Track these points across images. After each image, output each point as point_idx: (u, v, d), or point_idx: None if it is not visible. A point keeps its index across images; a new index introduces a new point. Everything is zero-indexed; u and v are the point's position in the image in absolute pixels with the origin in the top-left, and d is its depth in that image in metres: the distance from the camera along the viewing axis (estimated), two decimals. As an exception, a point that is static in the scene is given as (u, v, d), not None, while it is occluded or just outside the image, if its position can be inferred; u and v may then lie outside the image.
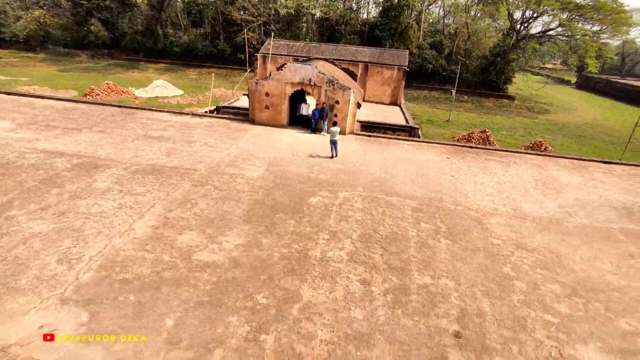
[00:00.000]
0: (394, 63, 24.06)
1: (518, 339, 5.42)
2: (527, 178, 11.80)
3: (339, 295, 5.97)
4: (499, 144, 20.90)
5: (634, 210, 10.00)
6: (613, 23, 39.06)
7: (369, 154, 12.88)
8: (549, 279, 6.84)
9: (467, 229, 8.33)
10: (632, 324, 5.88)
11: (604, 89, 59.74)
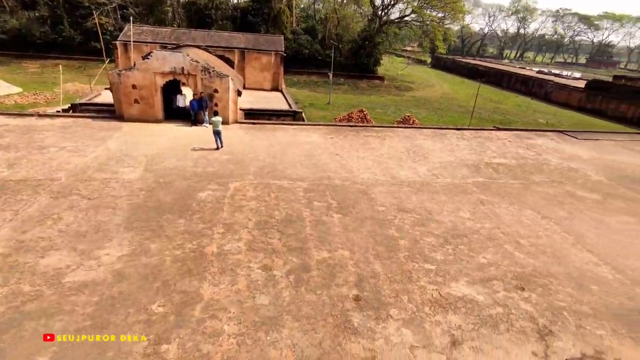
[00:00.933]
0: (271, 49, 24.03)
1: (407, 289, 6.14)
2: (400, 149, 13.24)
3: (242, 286, 5.86)
4: (375, 121, 22.90)
5: (480, 167, 12.12)
6: (452, 11, 45.87)
7: (256, 141, 12.76)
8: (425, 233, 7.88)
9: (356, 201, 8.99)
10: (487, 257, 7.21)
11: (451, 67, 70.38)
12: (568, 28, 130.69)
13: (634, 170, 12.99)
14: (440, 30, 45.99)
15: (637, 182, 11.83)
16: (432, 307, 5.81)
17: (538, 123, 30.17)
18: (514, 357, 5.09)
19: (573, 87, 44.08)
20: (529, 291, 6.36)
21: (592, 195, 10.46)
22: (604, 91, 40.11)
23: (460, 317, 5.67)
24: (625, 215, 9.44)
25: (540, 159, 13.33)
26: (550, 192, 10.42)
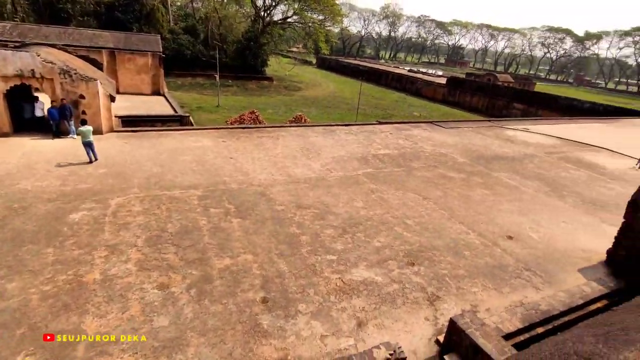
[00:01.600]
0: (147, 49, 22.04)
1: (312, 283, 6.29)
2: (294, 147, 13.49)
3: (136, 311, 5.25)
4: (267, 122, 22.92)
5: (368, 158, 13.12)
6: (331, 14, 48.60)
7: (139, 150, 11.57)
8: (325, 226, 8.19)
9: (254, 203, 8.85)
10: (381, 241, 7.84)
11: (336, 67, 74.56)
12: (429, 32, 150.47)
13: (485, 150, 15.63)
14: (322, 32, 48.31)
15: (488, 160, 14.25)
16: (337, 295, 6.07)
17: (413, 116, 34.09)
18: (411, 325, 5.65)
19: (437, 83, 50.94)
20: (417, 265, 7.12)
21: (459, 175, 12.23)
22: (459, 86, 47.35)
23: (363, 299, 6.06)
24: (483, 189, 11.29)
25: (417, 147, 15.06)
26: (428, 176, 11.85)
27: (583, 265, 7.84)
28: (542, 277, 7.26)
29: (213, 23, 45.52)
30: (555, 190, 11.83)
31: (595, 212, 10.51)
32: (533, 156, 15.56)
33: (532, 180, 12.49)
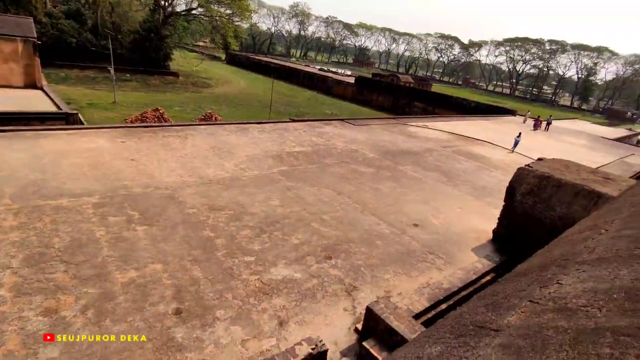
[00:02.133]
0: (16, 34, 18.75)
1: (230, 286, 6.02)
2: (205, 147, 12.79)
3: (14, 345, 4.40)
4: (174, 120, 21.38)
5: (283, 156, 13.08)
6: (239, 9, 47.23)
7: (10, 154, 9.78)
8: (241, 227, 7.91)
9: (162, 209, 8.14)
10: (299, 237, 7.87)
11: (246, 63, 72.93)
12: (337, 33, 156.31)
13: (392, 146, 16.80)
14: (230, 26, 46.72)
15: (394, 155, 15.35)
16: (257, 297, 5.91)
17: (325, 113, 35.07)
18: (331, 317, 5.77)
19: (347, 82, 53.22)
20: (335, 258, 7.31)
21: (369, 170, 12.92)
22: (367, 86, 50.17)
23: (284, 298, 6.00)
24: (392, 181, 12.10)
25: (330, 144, 15.50)
26: (341, 172, 12.27)
27: (475, 244, 8.91)
28: (444, 258, 8.05)
29: (103, 9, 40.74)
30: (451, 180, 13.25)
31: (483, 197, 12.04)
32: (432, 150, 17.22)
33: (432, 172, 13.80)
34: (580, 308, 2.19)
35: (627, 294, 2.13)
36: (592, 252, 3.26)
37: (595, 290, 2.36)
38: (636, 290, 2.16)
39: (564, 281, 2.75)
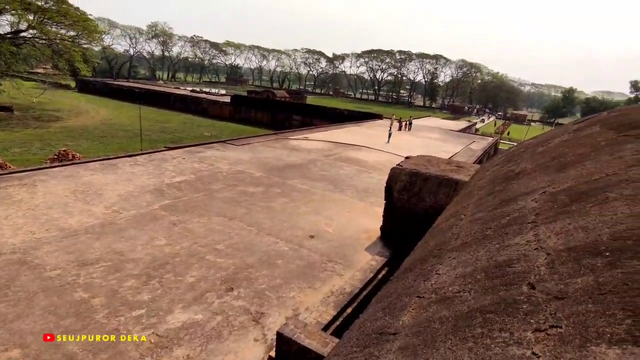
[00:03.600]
0: None
1: (118, 351, 5.19)
2: (63, 192, 10.90)
3: None
4: (14, 165, 17.73)
5: (163, 189, 12.02)
6: (85, 30, 41.96)
7: None
8: (123, 278, 6.93)
9: (10, 278, 6.60)
10: (194, 275, 7.28)
11: (105, 90, 65.25)
12: (205, 52, 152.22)
13: (277, 161, 17.02)
14: (76, 50, 41.11)
15: (281, 170, 15.57)
16: (154, 354, 5.23)
17: (204, 136, 33.61)
18: (242, 353, 5.46)
19: (222, 102, 52.11)
20: (237, 289, 6.98)
21: (259, 189, 12.80)
22: (244, 104, 50.00)
23: (186, 346, 5.45)
24: (282, 197, 12.22)
25: (214, 168, 14.87)
26: (229, 196, 11.86)
27: (367, 244, 9.58)
28: (342, 263, 8.43)
29: None
30: (337, 187, 14.05)
31: (367, 198, 13.08)
32: (316, 160, 18.02)
33: (319, 182, 14.42)
34: (456, 295, 2.49)
35: (486, 273, 2.52)
36: (457, 238, 3.78)
37: (464, 275, 2.73)
38: (492, 268, 2.56)
39: (441, 271, 3.11)
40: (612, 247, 2.11)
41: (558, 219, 2.92)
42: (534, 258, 2.41)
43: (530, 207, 3.54)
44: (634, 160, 3.82)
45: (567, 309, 1.72)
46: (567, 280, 1.96)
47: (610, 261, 1.97)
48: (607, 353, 1.41)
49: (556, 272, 2.10)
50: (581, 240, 2.39)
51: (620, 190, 2.99)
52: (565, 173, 4.40)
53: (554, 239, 2.60)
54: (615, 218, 2.49)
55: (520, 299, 1.99)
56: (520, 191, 4.44)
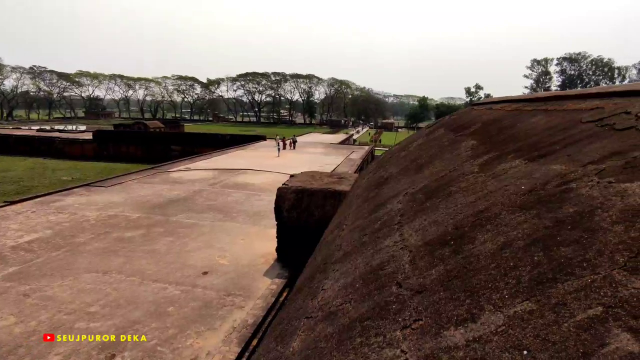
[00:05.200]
0: None
1: None
2: None
3: None
4: None
5: (5, 254, 9.80)
6: None
7: None
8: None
9: None
10: (59, 352, 6.03)
11: None
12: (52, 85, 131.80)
13: (157, 198, 15.57)
14: None
15: (163, 207, 14.29)
16: None
17: (64, 181, 28.78)
18: None
19: (83, 139, 45.73)
20: (119, 354, 6.02)
21: (138, 232, 11.46)
22: (111, 139, 44.77)
23: None
24: (167, 236, 11.17)
25: (78, 217, 12.79)
26: (101, 246, 10.31)
27: (265, 268, 9.40)
28: (242, 294, 8.07)
29: None
30: (227, 215, 13.52)
31: (260, 221, 12.89)
32: (202, 191, 17.08)
33: (207, 213, 13.66)
34: (339, 308, 2.56)
35: (363, 280, 2.66)
36: (340, 249, 3.95)
37: (345, 285, 2.84)
38: (368, 274, 2.72)
39: (326, 285, 3.19)
40: (455, 235, 2.44)
41: (417, 217, 3.29)
42: (400, 257, 2.65)
43: (396, 209, 3.93)
44: (466, 156, 4.58)
45: (426, 301, 1.90)
46: (425, 273, 2.19)
47: (454, 249, 2.27)
48: (454, 335, 1.59)
49: (417, 267, 2.33)
50: (434, 233, 2.72)
51: (458, 183, 3.53)
52: (422, 173, 5.04)
53: (414, 236, 2.90)
54: (456, 209, 2.91)
55: (390, 299, 2.14)
56: (389, 195, 4.91)
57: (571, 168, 2.42)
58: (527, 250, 1.78)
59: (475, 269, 1.89)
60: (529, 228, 1.96)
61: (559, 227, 1.82)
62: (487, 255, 1.94)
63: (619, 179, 1.96)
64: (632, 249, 1.41)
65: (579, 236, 1.66)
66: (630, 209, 1.65)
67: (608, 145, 2.56)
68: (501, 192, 2.65)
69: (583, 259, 1.50)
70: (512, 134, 4.45)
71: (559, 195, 2.13)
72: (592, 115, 3.48)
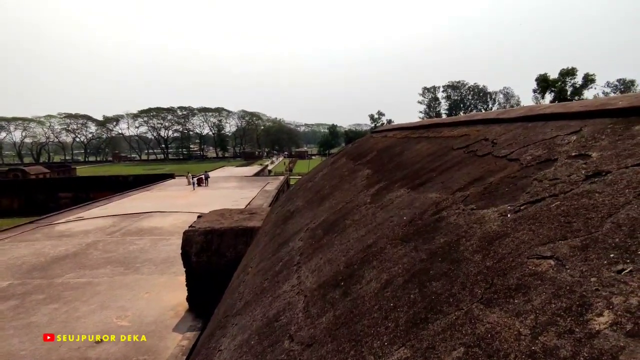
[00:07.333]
0: None
1: None
2: None
3: None
4: None
5: None
6: None
7: None
8: None
9: None
10: None
11: None
12: None
13: (37, 258, 13.24)
14: None
15: (43, 269, 12.17)
16: None
17: None
18: None
19: (-63, 195, 37.65)
20: None
21: (8, 303, 9.50)
22: (-22, 191, 37.65)
23: None
24: (50, 303, 9.45)
25: None
26: (-44, 328, 8.25)
27: (175, 322, 8.48)
28: (146, 358, 7.09)
29: None
30: (129, 267, 12.05)
31: (168, 269, 11.75)
32: (96, 242, 15.06)
33: (103, 268, 12.01)
34: (232, 374, 2.31)
35: (259, 335, 2.44)
36: (242, 298, 3.67)
37: (241, 344, 2.58)
38: (264, 328, 2.51)
39: (223, 345, 2.88)
40: (345, 275, 2.40)
41: (314, 256, 3.21)
42: (295, 304, 2.50)
43: (297, 248, 3.82)
44: (361, 185, 4.74)
45: (314, 356, 1.77)
46: (317, 321, 2.07)
47: (344, 290, 2.21)
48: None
49: (309, 315, 2.20)
50: (327, 273, 2.64)
51: (352, 216, 3.58)
52: (323, 206, 5.06)
53: (310, 278, 2.80)
54: (348, 245, 2.90)
55: (281, 358, 1.97)
56: (293, 231, 4.80)
57: (443, 196, 2.59)
58: (405, 288, 1.78)
59: (360, 313, 1.83)
60: (408, 262, 1.99)
61: (432, 260, 1.87)
62: (371, 296, 1.91)
63: (479, 205, 2.12)
64: (487, 280, 1.47)
65: (447, 268, 1.71)
66: (486, 236, 1.76)
67: (472, 171, 2.82)
68: (387, 224, 2.72)
69: (450, 294, 1.52)
70: (400, 161, 4.76)
71: (433, 225, 2.23)
72: (461, 142, 3.88)
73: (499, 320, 1.24)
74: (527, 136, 2.78)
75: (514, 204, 1.86)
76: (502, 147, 2.86)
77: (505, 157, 2.59)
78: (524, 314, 1.20)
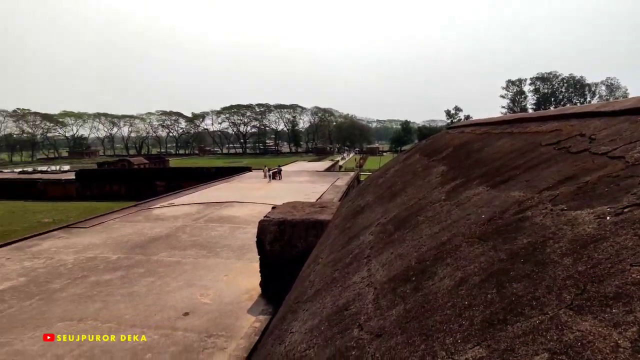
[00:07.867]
0: None
1: None
2: None
3: None
4: None
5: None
6: None
7: None
8: None
9: None
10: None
11: None
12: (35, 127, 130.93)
13: (139, 237, 15.15)
14: None
15: (144, 246, 13.88)
16: None
17: (44, 224, 27.95)
18: None
19: (66, 179, 44.97)
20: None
21: (117, 274, 11.04)
22: (94, 178, 44.13)
23: None
24: (147, 277, 10.78)
25: (55, 262, 12.31)
26: (77, 292, 9.85)
27: (249, 305, 9.08)
28: (224, 335, 7.72)
29: None
30: (210, 251, 13.18)
31: (244, 255, 12.59)
32: (185, 227, 16.73)
33: (190, 249, 13.31)
34: (302, 355, 2.42)
35: (329, 322, 2.54)
36: (313, 287, 3.81)
37: (312, 328, 2.70)
38: (333, 315, 2.59)
39: (295, 328, 3.03)
40: (417, 270, 2.37)
41: (385, 250, 3.21)
42: (365, 295, 2.54)
43: (367, 242, 3.84)
44: (436, 182, 4.58)
45: (383, 346, 1.80)
46: (386, 313, 2.09)
47: (415, 286, 2.19)
48: (407, 387, 1.49)
49: (379, 307, 2.23)
50: (398, 268, 2.63)
51: (425, 212, 3.49)
52: (394, 202, 5.00)
53: (380, 271, 2.81)
54: (421, 241, 2.85)
55: (351, 344, 2.02)
56: (363, 225, 4.83)
57: (528, 195, 2.41)
58: (481, 287, 1.71)
59: (432, 309, 1.81)
60: (485, 262, 1.90)
61: (513, 260, 1.77)
62: (444, 293, 1.87)
63: (571, 206, 1.94)
64: (578, 285, 1.35)
65: (530, 270, 1.61)
66: (579, 239, 1.61)
67: (563, 169, 2.57)
68: (463, 222, 2.61)
69: (533, 297, 1.44)
70: (479, 158, 4.48)
71: (515, 225, 2.10)
72: (551, 138, 3.53)
73: (592, 329, 1.14)
74: (635, 131, 2.44)
75: (614, 206, 1.67)
76: (602, 144, 2.55)
77: (606, 155, 2.31)
78: (623, 325, 1.09)
